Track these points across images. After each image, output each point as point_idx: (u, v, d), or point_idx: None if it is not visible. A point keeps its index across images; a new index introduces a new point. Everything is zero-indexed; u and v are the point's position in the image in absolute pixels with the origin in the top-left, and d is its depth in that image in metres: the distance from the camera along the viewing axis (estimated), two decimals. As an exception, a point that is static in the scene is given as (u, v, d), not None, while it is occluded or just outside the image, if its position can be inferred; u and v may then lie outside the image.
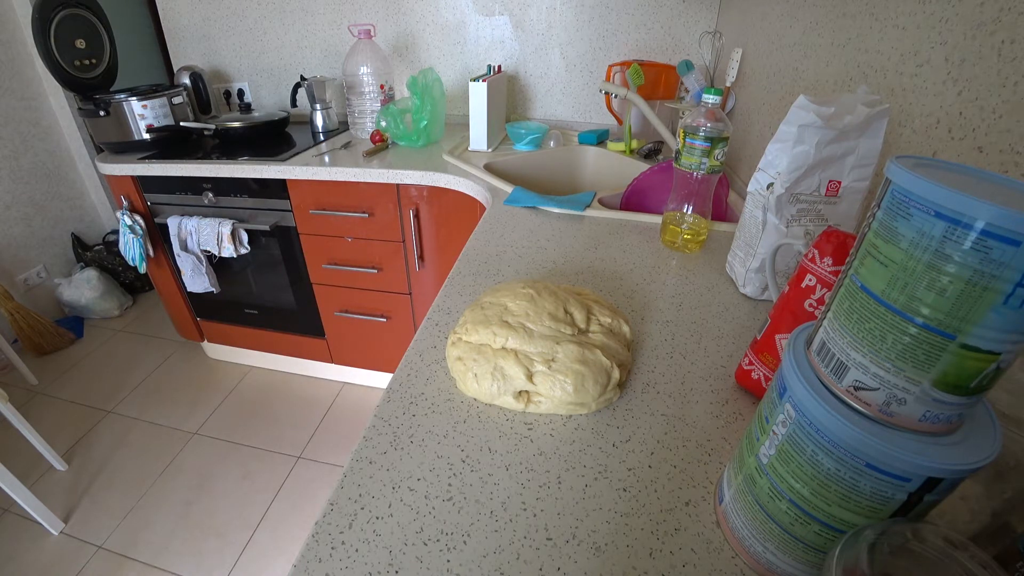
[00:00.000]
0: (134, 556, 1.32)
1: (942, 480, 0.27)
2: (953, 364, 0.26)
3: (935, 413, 0.28)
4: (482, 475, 0.44)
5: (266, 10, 1.76)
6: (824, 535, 0.32)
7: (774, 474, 0.34)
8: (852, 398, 0.30)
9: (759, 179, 0.65)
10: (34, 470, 1.53)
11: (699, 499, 0.43)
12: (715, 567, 0.37)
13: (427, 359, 0.58)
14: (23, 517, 1.37)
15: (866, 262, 0.29)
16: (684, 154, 0.78)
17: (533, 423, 0.50)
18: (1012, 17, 0.48)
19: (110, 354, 2.06)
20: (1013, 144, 0.47)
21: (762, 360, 0.50)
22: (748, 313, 0.68)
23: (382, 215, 1.40)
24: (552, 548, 0.39)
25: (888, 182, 0.27)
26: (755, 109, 1.13)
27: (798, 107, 0.59)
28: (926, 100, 0.60)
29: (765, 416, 0.35)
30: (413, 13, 1.67)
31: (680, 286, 0.74)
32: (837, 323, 0.31)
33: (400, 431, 0.48)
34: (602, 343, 0.54)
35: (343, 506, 0.41)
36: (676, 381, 0.55)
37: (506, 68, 1.69)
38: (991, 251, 0.23)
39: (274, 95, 1.92)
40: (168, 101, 1.61)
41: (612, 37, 1.58)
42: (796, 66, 0.94)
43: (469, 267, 0.78)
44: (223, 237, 1.47)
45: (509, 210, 1.00)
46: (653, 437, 0.48)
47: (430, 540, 0.39)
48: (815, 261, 0.47)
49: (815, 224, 0.64)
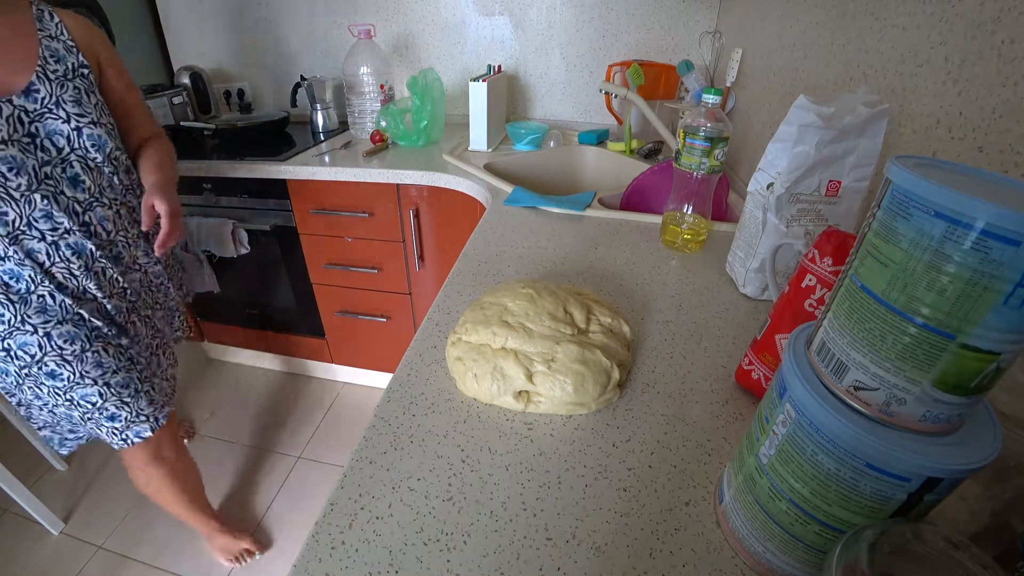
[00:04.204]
0: (134, 556, 1.32)
1: (942, 480, 0.27)
2: (953, 364, 0.26)
3: (935, 413, 0.28)
4: (482, 475, 0.44)
5: (266, 10, 1.76)
6: (824, 535, 0.32)
7: (774, 474, 0.34)
8: (852, 398, 0.30)
9: (759, 179, 0.65)
10: (34, 470, 1.53)
11: (699, 499, 0.43)
12: (715, 567, 0.37)
13: (427, 359, 0.58)
14: (23, 517, 1.37)
15: (866, 262, 0.29)
16: (684, 154, 0.78)
17: (533, 423, 0.50)
18: (1012, 17, 0.48)
19: (110, 354, 2.05)
20: (1013, 144, 0.47)
21: (762, 360, 0.50)
22: (748, 313, 0.68)
23: (382, 215, 1.40)
24: (552, 548, 0.39)
25: (888, 182, 0.27)
26: (755, 109, 1.13)
27: (798, 107, 0.59)
28: (926, 100, 0.60)
29: (765, 416, 0.35)
30: (413, 13, 1.67)
31: (680, 286, 0.74)
32: (837, 323, 0.31)
33: (400, 431, 0.48)
34: (602, 343, 0.54)
35: (343, 506, 0.41)
36: (676, 381, 0.55)
37: (506, 68, 1.69)
38: (991, 251, 0.23)
39: (274, 95, 1.92)
40: (168, 101, 1.61)
41: (612, 37, 1.58)
42: (796, 66, 0.94)
43: (469, 267, 0.78)
44: (223, 237, 1.47)
45: (509, 210, 1.00)
46: (653, 437, 0.48)
47: (430, 540, 0.39)
48: (815, 261, 0.47)
49: (815, 224, 0.64)
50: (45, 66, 0.79)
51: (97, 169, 0.87)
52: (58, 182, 0.82)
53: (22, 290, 0.82)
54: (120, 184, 0.93)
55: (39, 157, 0.80)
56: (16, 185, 0.78)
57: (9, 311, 0.82)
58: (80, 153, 0.84)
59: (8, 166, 0.76)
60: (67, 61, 0.82)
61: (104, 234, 0.89)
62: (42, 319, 0.84)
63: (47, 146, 0.80)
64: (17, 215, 0.79)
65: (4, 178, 0.76)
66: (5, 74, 0.77)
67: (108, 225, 0.89)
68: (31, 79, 0.78)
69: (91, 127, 0.85)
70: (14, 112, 0.77)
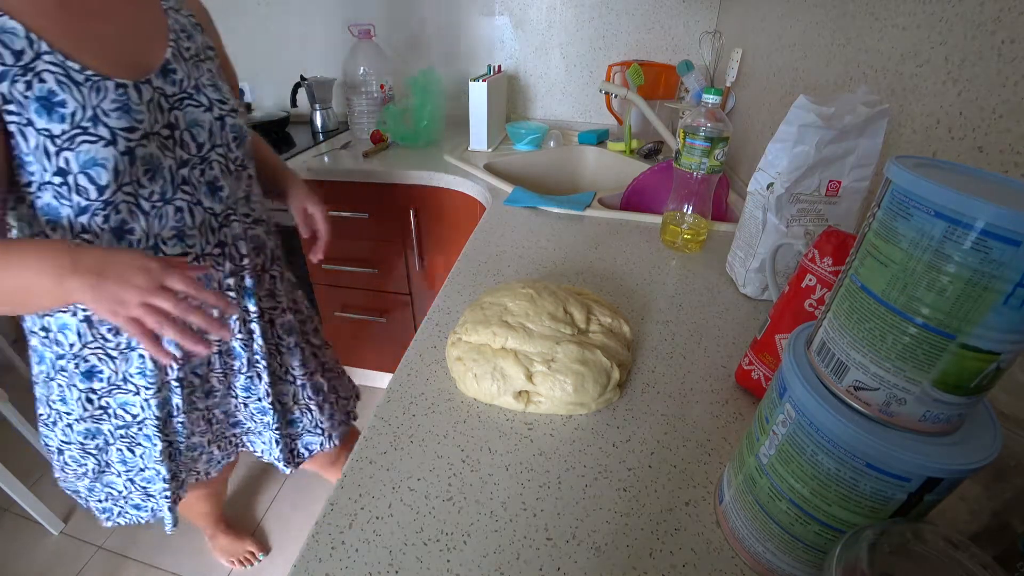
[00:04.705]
0: (134, 556, 1.32)
1: (942, 480, 0.27)
2: (953, 364, 0.26)
3: (935, 413, 0.28)
4: (482, 475, 0.44)
5: (267, 10, 1.76)
6: (824, 535, 0.32)
7: (774, 474, 0.34)
8: (852, 398, 0.30)
9: (759, 179, 0.65)
10: (34, 470, 1.53)
11: (699, 499, 0.43)
12: (715, 567, 0.37)
13: (427, 359, 0.58)
14: (23, 517, 1.37)
15: (866, 262, 0.29)
16: (684, 154, 0.78)
17: (533, 423, 0.50)
18: (1012, 17, 0.48)
19: (110, 354, 2.05)
20: (1013, 144, 0.47)
21: (762, 360, 0.50)
22: (748, 313, 0.68)
23: (382, 215, 1.40)
24: (552, 548, 0.39)
25: (888, 182, 0.27)
26: (755, 109, 1.14)
27: (798, 107, 0.59)
28: (926, 100, 0.60)
29: (765, 416, 0.35)
30: (413, 13, 1.67)
31: (680, 286, 0.74)
32: (837, 323, 0.31)
33: (400, 431, 0.48)
34: (602, 343, 0.54)
35: (343, 506, 0.41)
36: (676, 381, 0.55)
37: (506, 68, 1.69)
38: (991, 251, 0.23)
39: (274, 95, 1.92)
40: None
41: (612, 37, 1.58)
42: (796, 66, 0.94)
43: (469, 267, 0.78)
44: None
45: (509, 210, 1.00)
46: (653, 437, 0.48)
47: (430, 540, 0.39)
48: (815, 261, 0.47)
49: (815, 224, 0.64)
50: (178, 42, 0.63)
51: (236, 172, 0.69)
52: (195, 188, 0.63)
53: (121, 344, 0.64)
54: (256, 194, 0.74)
55: (177, 156, 0.61)
56: (149, 193, 0.59)
57: (109, 367, 0.65)
58: (221, 151, 0.66)
59: (146, 168, 0.58)
60: (196, 39, 0.66)
61: (237, 257, 0.70)
62: (145, 381, 0.67)
63: (186, 141, 0.62)
64: (144, 233, 0.59)
65: (139, 184, 0.58)
66: (140, 49, 0.59)
67: (243, 248, 0.70)
68: (166, 56, 0.61)
69: (232, 116, 0.67)
70: (154, 97, 0.58)
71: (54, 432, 0.70)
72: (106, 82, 0.54)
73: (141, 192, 0.58)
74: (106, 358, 0.64)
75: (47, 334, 0.63)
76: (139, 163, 0.57)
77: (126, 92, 0.55)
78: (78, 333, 0.62)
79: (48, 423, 0.70)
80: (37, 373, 0.67)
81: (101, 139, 0.53)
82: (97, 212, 0.56)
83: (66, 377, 0.65)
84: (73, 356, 0.64)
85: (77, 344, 0.63)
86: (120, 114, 0.55)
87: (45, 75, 0.51)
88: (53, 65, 0.51)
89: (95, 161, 0.54)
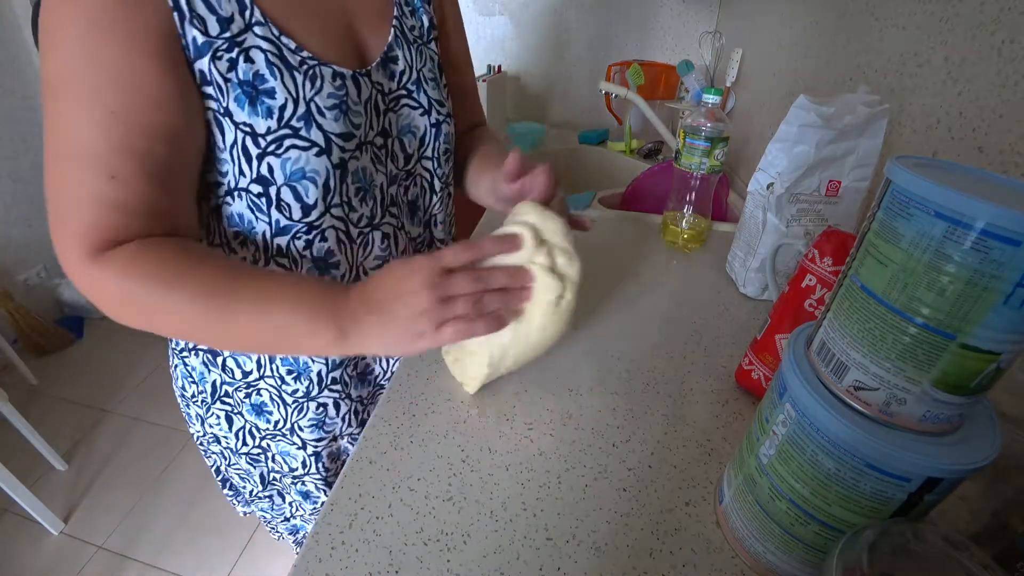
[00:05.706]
0: (134, 556, 1.32)
1: (942, 480, 0.27)
2: (953, 364, 0.26)
3: (935, 413, 0.28)
4: (482, 475, 0.44)
5: (266, 10, 1.76)
6: (824, 535, 0.32)
7: (774, 474, 0.34)
8: (852, 398, 0.30)
9: (759, 179, 0.65)
10: (34, 470, 1.53)
11: (699, 499, 0.43)
12: (715, 567, 0.37)
13: (427, 359, 0.58)
14: (23, 517, 1.37)
15: (866, 262, 0.29)
16: (684, 154, 0.78)
17: (533, 423, 0.50)
18: (1012, 17, 0.48)
19: (110, 354, 2.06)
20: (1013, 144, 0.47)
21: (762, 360, 0.50)
22: (748, 313, 0.68)
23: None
24: (552, 548, 0.39)
25: (888, 182, 0.27)
26: (755, 109, 1.13)
27: (798, 107, 0.59)
28: (926, 100, 0.59)
29: (765, 416, 0.35)
30: (413, 13, 1.67)
31: (680, 286, 0.74)
32: (837, 323, 0.31)
33: (400, 431, 0.48)
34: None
35: (343, 506, 0.41)
36: (676, 381, 0.55)
37: (506, 68, 1.69)
38: (991, 251, 0.23)
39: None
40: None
41: (612, 37, 1.58)
42: (796, 66, 0.94)
43: (469, 267, 0.78)
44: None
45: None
46: (653, 437, 0.48)
47: (430, 540, 0.39)
48: (815, 261, 0.47)
49: (815, 224, 0.64)
50: (402, 19, 0.49)
51: (440, 192, 0.57)
52: (400, 210, 0.53)
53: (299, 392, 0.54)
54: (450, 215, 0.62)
55: (388, 170, 0.50)
56: (358, 218, 0.48)
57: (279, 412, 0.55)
58: (429, 164, 0.54)
59: (357, 186, 0.47)
60: (421, 15, 0.52)
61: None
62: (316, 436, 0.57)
63: (396, 151, 0.51)
64: (348, 267, 0.50)
65: (349, 206, 0.47)
66: (362, 27, 0.46)
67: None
68: (388, 39, 0.48)
69: (449, 122, 0.54)
70: (371, 95, 0.46)
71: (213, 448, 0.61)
72: (323, 68, 0.42)
73: (351, 216, 0.47)
74: (279, 400, 0.54)
75: (214, 356, 0.52)
76: (351, 179, 0.45)
77: (344, 85, 0.43)
78: (258, 363, 0.52)
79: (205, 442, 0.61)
80: (192, 395, 0.56)
81: (314, 145, 0.42)
82: (300, 235, 0.45)
83: (229, 406, 0.55)
84: (246, 385, 0.53)
85: (255, 373, 0.52)
86: (337, 114, 0.43)
87: (254, 52, 0.38)
88: (265, 40, 0.39)
89: (303, 173, 0.42)
